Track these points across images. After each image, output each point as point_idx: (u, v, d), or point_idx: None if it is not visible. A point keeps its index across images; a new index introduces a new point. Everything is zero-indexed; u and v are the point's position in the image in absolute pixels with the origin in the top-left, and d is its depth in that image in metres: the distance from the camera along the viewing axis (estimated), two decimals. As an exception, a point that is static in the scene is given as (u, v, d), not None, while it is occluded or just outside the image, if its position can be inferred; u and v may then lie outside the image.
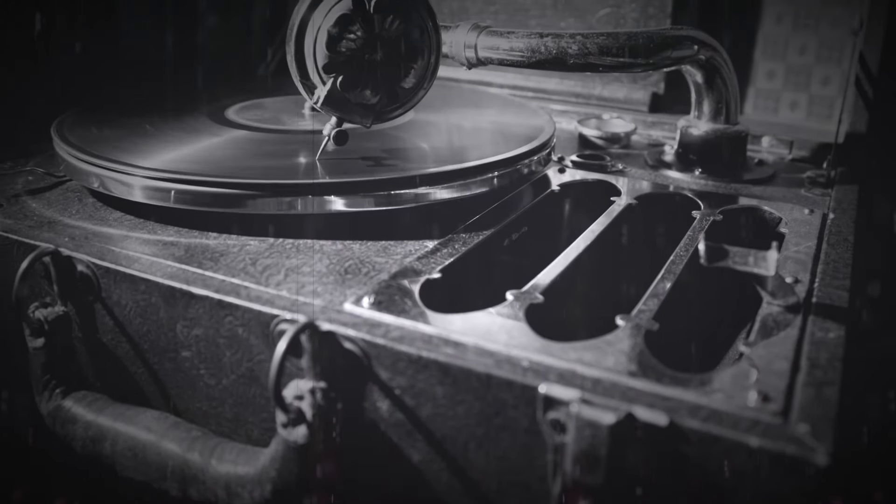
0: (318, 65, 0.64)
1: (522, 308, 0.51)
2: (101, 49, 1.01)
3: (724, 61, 0.80)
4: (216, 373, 0.54)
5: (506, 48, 0.75)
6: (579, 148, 0.92)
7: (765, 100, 1.07)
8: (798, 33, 1.03)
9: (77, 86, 0.97)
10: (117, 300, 0.57)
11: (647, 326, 0.49)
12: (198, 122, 0.80)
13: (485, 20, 1.11)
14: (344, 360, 0.48)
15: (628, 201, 0.72)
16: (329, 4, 0.64)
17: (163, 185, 0.63)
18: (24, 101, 0.92)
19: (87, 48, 0.99)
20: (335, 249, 0.60)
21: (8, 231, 0.62)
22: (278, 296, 0.52)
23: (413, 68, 0.67)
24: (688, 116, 0.85)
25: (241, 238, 0.62)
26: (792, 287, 0.54)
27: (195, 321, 0.54)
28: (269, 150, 0.71)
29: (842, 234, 0.66)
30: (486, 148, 0.72)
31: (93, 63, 1.00)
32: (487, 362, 0.44)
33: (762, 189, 0.79)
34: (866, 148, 0.90)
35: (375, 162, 0.67)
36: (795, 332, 0.49)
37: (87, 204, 0.70)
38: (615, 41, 0.72)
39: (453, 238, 0.62)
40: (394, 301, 0.51)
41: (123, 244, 0.61)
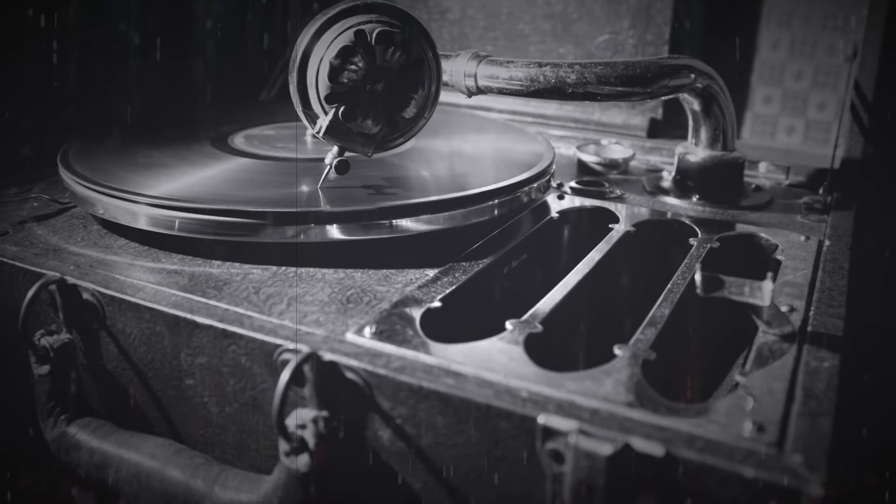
0: (320, 95, 0.65)
1: (521, 337, 0.52)
2: (104, 75, 1.02)
3: (721, 89, 0.81)
4: (220, 401, 0.55)
5: (505, 77, 0.76)
6: (578, 174, 0.93)
7: (762, 124, 1.08)
8: (794, 59, 1.04)
9: (82, 110, 0.98)
10: (122, 328, 0.58)
11: (644, 356, 0.50)
12: (202, 148, 0.81)
13: (485, 47, 1.12)
14: (346, 390, 0.48)
15: (626, 228, 0.73)
16: (331, 36, 0.65)
17: (167, 214, 0.64)
18: (30, 126, 0.93)
19: (91, 74, 1.00)
20: (337, 278, 0.61)
21: (14, 259, 0.63)
22: (281, 325, 0.53)
23: (413, 98, 0.68)
24: (685, 143, 0.86)
25: (244, 266, 0.63)
26: (787, 316, 0.55)
27: (199, 350, 0.54)
28: (272, 178, 0.72)
29: (837, 262, 0.67)
30: (486, 175, 0.73)
31: (97, 88, 1.01)
32: (487, 393, 0.45)
33: (759, 215, 0.79)
34: (862, 173, 0.91)
35: (376, 190, 0.68)
36: (790, 362, 0.50)
37: (92, 231, 0.71)
38: (613, 70, 0.73)
39: (453, 266, 0.63)
40: (395, 331, 0.52)
41: (128, 272, 0.61)
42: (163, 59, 1.10)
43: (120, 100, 1.04)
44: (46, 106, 0.95)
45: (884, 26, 0.90)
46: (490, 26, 1.15)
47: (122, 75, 1.05)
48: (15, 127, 0.92)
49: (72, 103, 0.98)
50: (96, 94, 1.01)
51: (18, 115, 0.92)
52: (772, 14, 1.05)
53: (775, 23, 1.05)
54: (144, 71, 1.08)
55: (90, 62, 1.00)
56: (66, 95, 0.97)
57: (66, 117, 0.97)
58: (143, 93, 1.07)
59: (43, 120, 0.95)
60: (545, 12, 1.11)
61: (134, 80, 1.07)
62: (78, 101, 0.98)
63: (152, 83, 1.09)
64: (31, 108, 0.94)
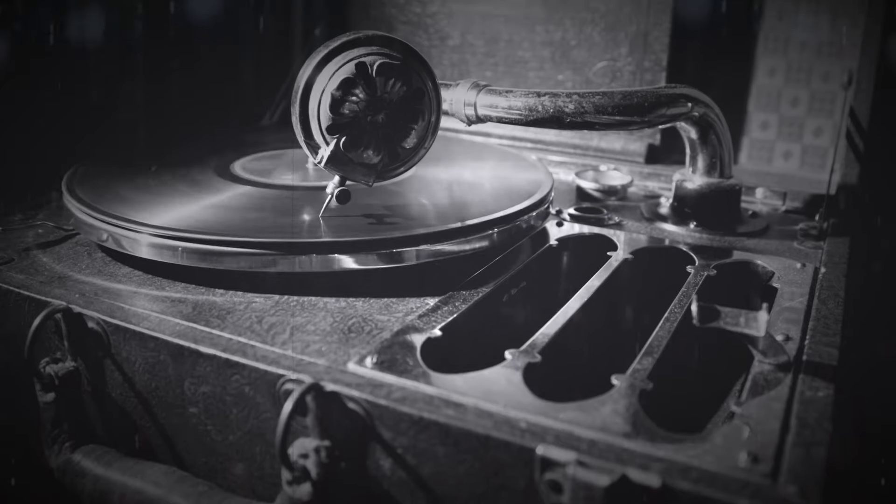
0: (321, 126, 0.67)
1: (520, 367, 0.52)
2: (108, 101, 1.03)
3: (717, 117, 0.82)
4: (223, 429, 0.56)
5: (504, 106, 0.77)
6: (577, 200, 0.94)
7: (759, 150, 1.09)
8: (790, 86, 1.06)
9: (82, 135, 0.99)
10: (126, 356, 0.59)
11: (641, 386, 0.51)
12: (205, 176, 0.82)
13: (484, 73, 1.14)
14: (348, 420, 0.49)
15: (624, 256, 0.74)
16: (333, 68, 0.66)
17: (170, 243, 0.65)
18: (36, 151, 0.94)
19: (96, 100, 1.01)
20: (339, 307, 0.62)
21: (20, 287, 0.64)
22: (284, 355, 0.54)
23: (414, 129, 0.69)
24: (683, 170, 0.87)
25: (247, 295, 0.64)
26: (782, 346, 0.55)
27: (203, 379, 0.55)
28: (274, 206, 0.73)
29: (833, 289, 0.68)
30: (486, 204, 0.74)
31: (100, 114, 1.02)
32: (486, 424, 0.46)
33: (756, 242, 0.80)
34: (858, 199, 0.92)
35: (377, 219, 0.69)
36: (785, 392, 0.51)
37: (97, 258, 0.71)
38: (610, 100, 0.74)
39: (453, 295, 0.64)
40: (396, 360, 0.53)
41: (133, 301, 0.62)
42: (165, 83, 1.11)
43: (123, 125, 1.05)
44: (49, 130, 0.96)
45: (878, 54, 0.92)
46: (490, 53, 1.16)
47: (124, 100, 1.06)
48: (18, 152, 0.93)
49: (73, 129, 0.99)
50: (99, 118, 1.02)
51: (22, 140, 0.93)
52: (768, 41, 1.06)
53: (771, 50, 1.06)
54: (148, 95, 1.09)
55: (92, 87, 1.02)
56: (67, 120, 0.98)
57: (68, 141, 0.98)
58: (146, 118, 1.08)
59: (46, 144, 0.96)
60: (544, 39, 1.12)
61: (136, 104, 1.08)
62: (80, 127, 0.99)
63: (155, 107, 1.10)
64: (33, 132, 0.95)
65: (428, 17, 1.19)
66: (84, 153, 0.92)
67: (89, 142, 0.99)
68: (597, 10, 1.08)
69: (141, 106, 1.08)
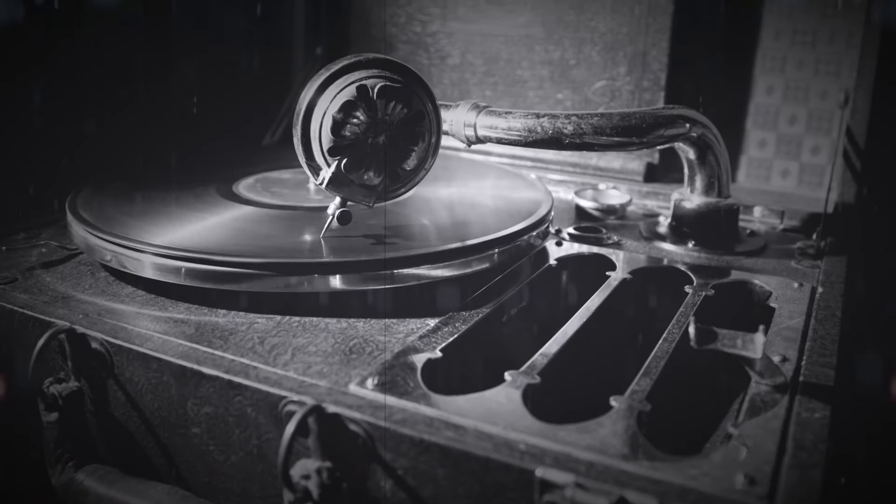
0: (323, 148, 0.67)
1: (520, 389, 0.53)
2: (111, 122, 1.04)
3: (715, 137, 0.82)
4: (225, 449, 0.56)
5: (504, 127, 0.78)
6: (576, 219, 0.94)
7: (757, 168, 1.10)
8: (788, 104, 1.07)
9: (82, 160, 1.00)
10: (130, 377, 0.59)
11: (639, 407, 0.51)
12: (208, 196, 0.82)
13: (484, 92, 1.15)
14: (349, 441, 0.50)
15: (623, 276, 0.74)
16: (335, 90, 0.67)
17: (173, 264, 0.65)
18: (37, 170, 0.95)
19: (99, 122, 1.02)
20: (340, 328, 0.62)
21: (24, 307, 0.65)
22: (286, 377, 0.54)
23: (414, 150, 0.69)
24: (681, 189, 0.88)
25: (249, 315, 0.64)
26: (779, 367, 0.56)
27: (205, 399, 0.56)
28: (276, 226, 0.74)
29: (830, 309, 0.68)
30: (486, 223, 0.75)
31: (102, 135, 1.03)
32: (486, 446, 0.47)
33: (754, 261, 0.81)
34: (855, 218, 0.93)
35: (378, 240, 0.70)
36: (782, 413, 0.51)
37: (100, 278, 0.72)
38: (609, 121, 0.75)
39: (454, 316, 0.64)
40: (397, 382, 0.53)
41: (136, 321, 0.63)
42: (167, 103, 1.12)
43: (125, 144, 1.06)
44: (52, 149, 0.97)
45: (874, 73, 0.92)
46: (489, 72, 1.17)
47: (127, 118, 1.07)
48: (22, 170, 0.94)
49: (75, 148, 0.99)
50: (101, 137, 1.03)
51: (25, 158, 0.94)
52: (765, 60, 1.07)
53: (769, 68, 1.07)
54: (149, 115, 1.10)
55: (93, 107, 1.02)
56: (69, 139, 0.99)
57: (70, 160, 0.98)
58: (148, 137, 1.09)
59: (49, 163, 0.96)
60: (543, 58, 1.13)
61: (139, 122, 1.08)
62: (82, 146, 1.00)
63: (156, 127, 1.11)
64: (36, 150, 0.95)
65: (428, 36, 1.20)
66: (86, 173, 0.93)
67: (91, 161, 1.00)
68: (595, 30, 1.09)
69: (142, 125, 1.09)
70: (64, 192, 0.83)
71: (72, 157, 0.98)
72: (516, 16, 1.14)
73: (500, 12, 1.15)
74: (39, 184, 0.94)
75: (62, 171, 0.96)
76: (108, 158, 1.02)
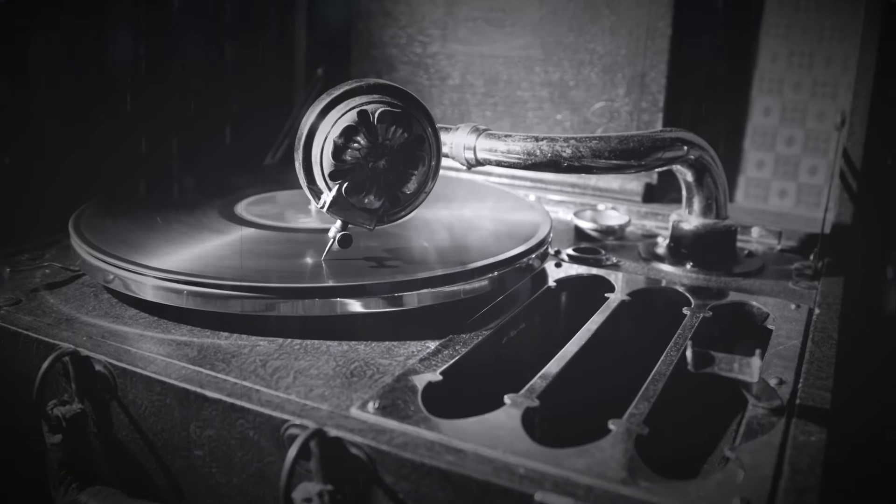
0: (324, 172, 0.68)
1: (519, 412, 0.54)
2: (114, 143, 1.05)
3: (713, 159, 0.83)
4: (227, 471, 0.57)
5: (503, 150, 0.79)
6: (575, 240, 0.95)
7: (755, 188, 1.11)
8: (785, 126, 1.07)
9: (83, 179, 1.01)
10: (133, 399, 0.60)
11: (637, 431, 0.52)
12: (210, 218, 0.83)
13: (484, 113, 1.16)
14: (351, 464, 0.50)
15: (622, 297, 0.75)
16: (336, 115, 0.68)
17: (175, 287, 0.66)
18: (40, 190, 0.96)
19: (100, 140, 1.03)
20: (341, 350, 0.63)
21: (29, 329, 0.65)
22: (288, 400, 0.55)
23: (414, 174, 0.70)
24: (679, 211, 0.88)
25: (251, 338, 0.65)
26: (776, 390, 0.57)
27: (208, 422, 0.56)
28: (277, 249, 0.75)
29: (826, 331, 0.69)
30: (486, 246, 0.76)
31: (104, 154, 1.04)
32: (486, 470, 0.47)
33: (751, 282, 0.82)
34: (851, 239, 0.94)
35: (378, 263, 0.71)
36: (779, 436, 0.52)
37: (103, 300, 0.73)
38: (607, 145, 0.76)
39: (454, 338, 0.65)
40: (397, 406, 0.54)
41: (139, 344, 0.63)
42: (169, 124, 1.13)
43: (127, 165, 1.07)
44: (56, 171, 0.98)
45: (870, 95, 0.93)
46: (489, 93, 1.18)
47: (127, 132, 1.08)
48: (25, 191, 0.94)
49: (78, 170, 1.00)
50: (104, 158, 1.04)
51: (28, 179, 0.95)
52: (763, 81, 1.08)
53: (766, 90, 1.08)
54: (152, 136, 1.11)
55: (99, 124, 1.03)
56: (74, 161, 1.00)
57: (73, 181, 0.99)
58: (150, 158, 1.10)
59: (52, 183, 0.97)
60: (543, 80, 1.14)
61: (141, 143, 1.09)
62: (85, 168, 1.01)
63: (159, 147, 1.12)
64: (39, 172, 0.96)
65: (429, 57, 1.21)
66: (89, 193, 0.94)
67: (94, 182, 1.01)
68: (594, 52, 1.10)
69: (145, 147, 1.09)
70: (67, 213, 0.83)
71: (74, 178, 0.99)
72: (516, 38, 1.15)
73: (500, 34, 1.16)
74: (43, 204, 0.94)
75: (66, 192, 0.97)
76: (110, 180, 1.03)
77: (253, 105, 1.26)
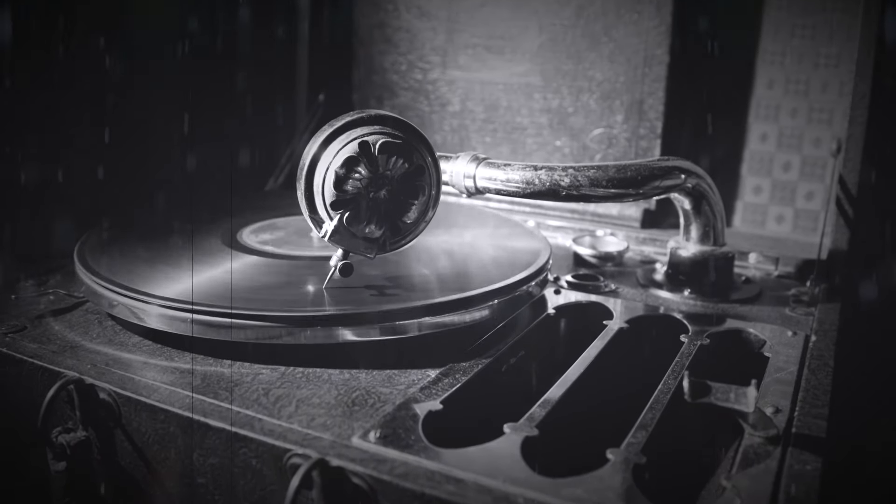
0: (325, 201, 0.69)
1: (519, 441, 0.54)
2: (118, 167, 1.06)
3: (710, 187, 0.84)
4: (230, 499, 0.57)
5: (502, 179, 0.80)
6: (574, 266, 0.96)
7: (752, 213, 1.11)
8: (782, 151, 1.09)
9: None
10: (137, 427, 0.61)
11: (635, 460, 0.52)
12: (213, 245, 0.84)
13: (483, 139, 1.17)
14: (352, 493, 0.51)
15: (620, 325, 0.76)
16: (338, 146, 0.69)
17: (178, 315, 0.67)
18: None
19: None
20: (343, 379, 0.64)
21: (34, 356, 0.66)
22: (290, 429, 0.55)
23: (414, 204, 0.71)
24: (677, 237, 0.89)
25: (253, 366, 0.66)
26: (772, 419, 0.57)
27: (211, 451, 0.57)
28: (279, 276, 0.75)
29: (823, 359, 0.70)
30: (486, 273, 0.77)
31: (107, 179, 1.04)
32: (486, 500, 0.48)
33: (749, 309, 0.83)
34: (848, 265, 0.95)
35: (379, 291, 0.72)
36: (775, 465, 0.53)
37: (107, 327, 0.73)
38: (605, 174, 0.77)
39: (454, 367, 0.66)
40: (398, 435, 0.54)
41: (143, 372, 0.64)
42: (172, 149, 1.14)
43: (130, 191, 1.08)
44: (60, 196, 0.99)
45: (866, 122, 0.94)
46: (489, 119, 1.19)
47: (130, 165, 1.09)
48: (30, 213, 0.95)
49: (82, 195, 1.01)
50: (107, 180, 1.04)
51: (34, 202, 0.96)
52: (760, 108, 1.09)
53: (763, 116, 1.09)
54: (155, 162, 1.12)
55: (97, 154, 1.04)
56: (78, 186, 1.01)
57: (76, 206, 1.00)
58: (153, 184, 1.11)
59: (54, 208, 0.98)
60: (542, 106, 1.15)
61: (147, 166, 1.10)
62: (89, 193, 1.02)
63: (161, 173, 1.13)
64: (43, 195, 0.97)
65: (429, 83, 1.22)
66: (92, 220, 0.95)
67: (97, 208, 1.01)
68: (593, 79, 1.12)
69: (149, 173, 1.10)
70: (70, 239, 0.84)
71: (77, 202, 1.00)
72: (515, 65, 1.16)
73: (500, 61, 1.17)
74: (47, 229, 0.95)
75: (67, 216, 0.98)
76: (114, 206, 1.04)
77: (255, 130, 1.27)
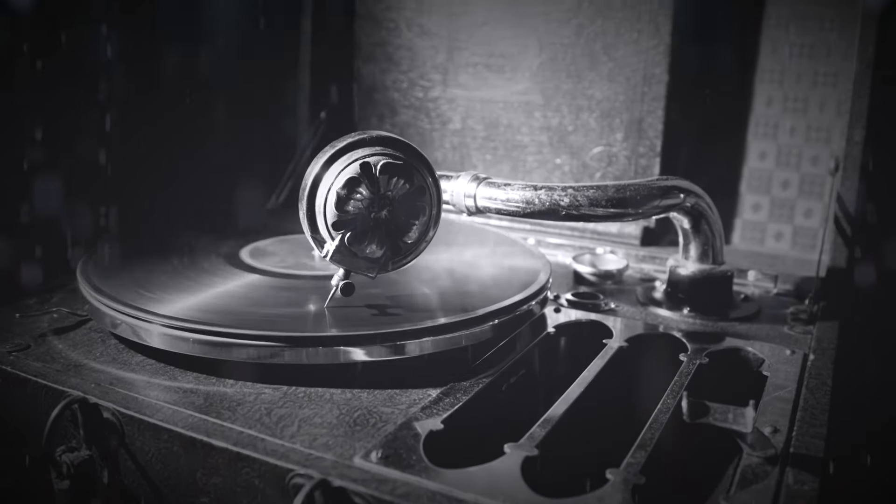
0: (327, 222, 0.70)
1: (519, 461, 0.55)
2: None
3: (709, 206, 0.85)
4: (232, 519, 0.58)
5: (503, 199, 0.80)
6: (574, 284, 0.97)
7: (751, 231, 1.12)
8: (781, 169, 1.09)
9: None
10: (140, 446, 0.61)
11: (634, 480, 0.53)
12: (215, 263, 0.85)
13: (484, 156, 1.17)
14: (354, 514, 0.52)
15: (620, 344, 0.76)
16: (339, 166, 0.70)
17: (181, 335, 0.67)
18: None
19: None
20: (344, 398, 0.64)
21: (37, 375, 0.67)
22: (293, 449, 0.56)
23: (415, 224, 0.72)
24: (676, 256, 0.90)
25: (256, 386, 0.66)
26: (770, 439, 0.58)
27: (214, 470, 0.57)
28: (280, 295, 0.76)
29: (821, 378, 0.70)
30: (487, 293, 0.77)
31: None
32: (486, 520, 0.48)
33: (747, 327, 0.83)
34: (847, 283, 0.95)
35: (380, 310, 0.72)
36: (773, 485, 0.53)
37: (110, 346, 0.74)
38: (604, 193, 0.78)
39: (454, 386, 0.66)
40: (400, 455, 0.55)
41: (146, 391, 0.65)
42: (176, 168, 1.14)
43: (133, 208, 1.09)
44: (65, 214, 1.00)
45: (863, 140, 0.95)
46: (490, 137, 1.20)
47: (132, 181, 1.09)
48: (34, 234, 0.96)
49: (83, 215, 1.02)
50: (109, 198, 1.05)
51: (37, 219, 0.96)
52: (758, 126, 1.10)
53: (762, 134, 1.10)
54: (157, 180, 1.12)
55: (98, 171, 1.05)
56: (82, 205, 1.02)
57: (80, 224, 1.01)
58: (155, 203, 1.12)
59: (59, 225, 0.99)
60: (542, 124, 1.16)
61: (147, 184, 1.11)
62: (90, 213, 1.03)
63: (163, 191, 1.13)
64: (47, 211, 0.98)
65: (430, 101, 1.23)
66: (93, 239, 0.96)
67: (97, 228, 1.02)
68: (593, 98, 1.12)
69: (151, 191, 1.11)
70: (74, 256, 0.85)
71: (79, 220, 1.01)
72: (515, 83, 1.17)
73: (500, 80, 1.18)
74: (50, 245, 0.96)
75: (73, 233, 0.99)
76: (116, 224, 1.04)
77: (256, 148, 1.27)
